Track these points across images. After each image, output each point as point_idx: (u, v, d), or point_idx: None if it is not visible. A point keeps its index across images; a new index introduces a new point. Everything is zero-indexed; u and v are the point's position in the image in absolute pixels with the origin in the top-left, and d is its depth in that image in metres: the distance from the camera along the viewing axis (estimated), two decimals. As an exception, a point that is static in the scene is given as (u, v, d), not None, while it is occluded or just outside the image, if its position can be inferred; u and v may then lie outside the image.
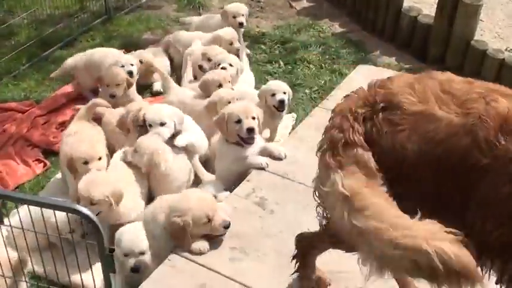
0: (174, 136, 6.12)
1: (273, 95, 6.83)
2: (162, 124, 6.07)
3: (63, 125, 7.62)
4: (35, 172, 7.03)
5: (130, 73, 7.62)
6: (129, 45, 9.17)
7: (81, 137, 6.26)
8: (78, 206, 3.66)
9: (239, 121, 5.89)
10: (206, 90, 6.96)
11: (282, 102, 6.78)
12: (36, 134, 7.51)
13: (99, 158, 5.87)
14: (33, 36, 9.41)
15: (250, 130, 5.86)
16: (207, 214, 4.80)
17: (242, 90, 7.36)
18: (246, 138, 5.89)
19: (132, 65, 7.72)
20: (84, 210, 3.62)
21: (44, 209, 3.66)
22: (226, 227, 4.88)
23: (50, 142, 7.39)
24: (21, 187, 6.78)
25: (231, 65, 7.42)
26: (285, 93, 6.88)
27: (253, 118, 5.95)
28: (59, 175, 6.79)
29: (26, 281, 4.51)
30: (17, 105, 8.01)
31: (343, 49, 9.03)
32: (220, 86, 6.90)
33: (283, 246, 4.87)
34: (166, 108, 6.32)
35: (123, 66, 7.64)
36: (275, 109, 6.82)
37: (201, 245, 4.85)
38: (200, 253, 4.83)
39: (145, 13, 10.25)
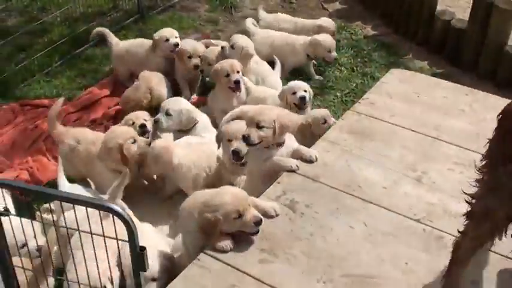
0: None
1: (294, 93, 7.07)
2: (168, 114, 6.98)
3: (95, 123, 7.69)
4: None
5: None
6: (162, 44, 9.19)
7: None
8: (110, 203, 3.66)
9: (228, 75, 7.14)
10: (216, 79, 7.52)
11: (302, 99, 7.04)
12: (67, 131, 7.51)
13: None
14: (66, 34, 9.49)
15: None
16: (238, 210, 4.77)
17: (271, 93, 7.41)
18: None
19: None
20: (116, 208, 3.62)
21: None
22: (258, 223, 4.84)
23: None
24: (52, 183, 6.84)
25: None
26: (305, 91, 7.07)
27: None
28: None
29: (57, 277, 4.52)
30: (49, 101, 8.07)
31: (375, 52, 8.99)
32: (228, 75, 7.34)
33: (312, 249, 4.86)
34: (183, 104, 7.09)
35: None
36: (296, 107, 7.03)
37: (225, 243, 4.83)
38: (223, 251, 4.81)
39: (177, 13, 10.29)
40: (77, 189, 5.86)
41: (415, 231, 5.03)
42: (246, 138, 5.58)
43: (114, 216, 3.65)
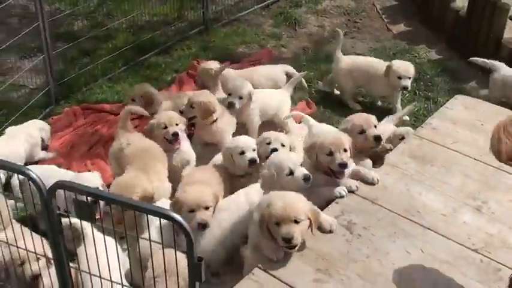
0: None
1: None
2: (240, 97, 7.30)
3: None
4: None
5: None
6: (224, 58, 9.28)
7: None
8: (172, 212, 3.65)
9: (331, 153, 5.65)
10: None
11: (377, 138, 6.31)
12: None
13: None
14: (131, 41, 9.61)
15: (342, 165, 5.61)
16: (278, 217, 4.78)
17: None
18: (337, 172, 5.66)
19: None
20: (178, 218, 3.60)
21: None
22: (286, 240, 4.76)
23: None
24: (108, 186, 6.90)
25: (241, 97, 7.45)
26: (375, 126, 6.48)
27: (345, 150, 5.67)
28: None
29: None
30: (111, 107, 8.17)
31: (439, 77, 8.88)
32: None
33: (367, 271, 4.80)
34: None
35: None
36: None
37: (275, 253, 4.84)
38: (271, 260, 4.81)
39: (241, 26, 10.34)
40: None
41: (472, 262, 4.94)
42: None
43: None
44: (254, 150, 6.44)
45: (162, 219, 3.68)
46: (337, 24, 10.36)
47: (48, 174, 5.83)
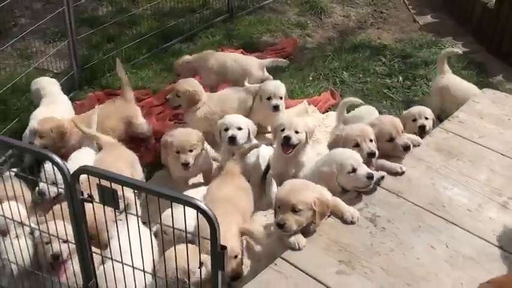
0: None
1: (414, 120, 6.63)
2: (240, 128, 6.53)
3: (177, 118, 7.69)
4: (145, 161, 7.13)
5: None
6: (248, 46, 9.26)
7: None
8: (196, 200, 3.61)
9: (357, 145, 5.65)
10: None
11: (422, 128, 6.54)
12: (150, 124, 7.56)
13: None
14: (155, 27, 9.60)
15: (371, 154, 5.63)
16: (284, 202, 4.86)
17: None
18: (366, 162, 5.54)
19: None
20: (203, 206, 3.58)
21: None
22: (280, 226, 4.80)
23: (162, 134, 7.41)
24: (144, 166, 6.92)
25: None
26: (427, 118, 6.62)
27: (371, 141, 5.69)
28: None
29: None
30: (135, 93, 8.11)
31: (465, 70, 8.74)
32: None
33: (391, 265, 4.73)
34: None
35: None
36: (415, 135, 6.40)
37: (297, 239, 4.82)
38: (293, 247, 4.79)
39: (266, 15, 10.29)
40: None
41: (497, 258, 4.85)
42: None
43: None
44: (240, 129, 6.47)
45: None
46: (363, 14, 10.31)
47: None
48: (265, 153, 6.73)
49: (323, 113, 7.82)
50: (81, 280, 4.46)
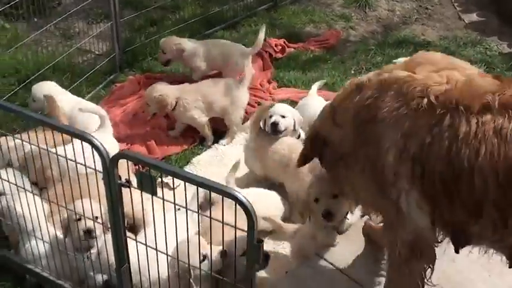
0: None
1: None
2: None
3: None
4: (183, 146, 7.15)
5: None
6: (291, 36, 9.19)
7: None
8: (236, 191, 3.57)
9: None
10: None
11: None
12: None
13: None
14: (198, 13, 9.55)
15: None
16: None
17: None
18: None
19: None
20: (241, 197, 3.53)
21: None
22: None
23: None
24: (167, 158, 6.93)
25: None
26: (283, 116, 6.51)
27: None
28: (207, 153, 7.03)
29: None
30: (175, 78, 8.10)
31: (510, 71, 8.56)
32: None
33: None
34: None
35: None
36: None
37: (331, 236, 4.81)
38: (330, 243, 4.78)
39: (310, 5, 10.18)
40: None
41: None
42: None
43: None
44: (283, 117, 6.37)
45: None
46: (408, 10, 10.15)
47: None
48: None
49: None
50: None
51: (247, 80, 7.35)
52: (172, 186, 5.96)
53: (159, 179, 5.64)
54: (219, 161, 6.97)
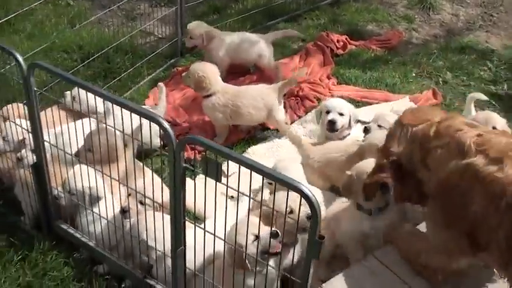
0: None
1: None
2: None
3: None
4: (239, 135, 7.25)
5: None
6: (353, 33, 9.15)
7: None
8: (301, 184, 3.57)
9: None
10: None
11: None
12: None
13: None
14: (261, 4, 9.60)
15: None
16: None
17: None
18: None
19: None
20: (306, 191, 3.52)
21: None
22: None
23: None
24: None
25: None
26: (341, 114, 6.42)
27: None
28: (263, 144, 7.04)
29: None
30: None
31: None
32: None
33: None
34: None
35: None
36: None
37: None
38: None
39: (374, 4, 10.11)
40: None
41: None
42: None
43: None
44: (341, 114, 6.30)
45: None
46: (472, 15, 10.01)
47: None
48: None
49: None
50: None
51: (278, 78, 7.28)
52: (226, 174, 6.07)
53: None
54: (273, 153, 6.95)
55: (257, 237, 4.32)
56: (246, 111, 6.91)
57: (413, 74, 8.39)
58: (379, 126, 6.07)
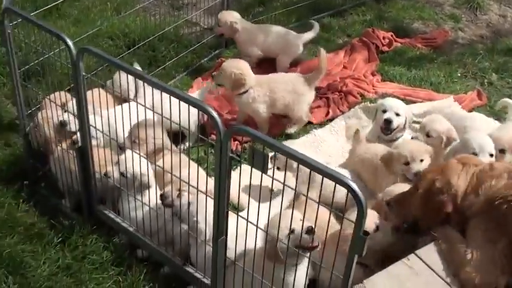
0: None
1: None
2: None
3: (318, 91, 7.63)
4: (281, 129, 7.22)
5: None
6: (398, 30, 9.10)
7: None
8: (349, 180, 3.55)
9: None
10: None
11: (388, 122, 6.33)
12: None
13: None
14: (307, -2, 9.52)
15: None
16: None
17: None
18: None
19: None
20: (354, 186, 3.51)
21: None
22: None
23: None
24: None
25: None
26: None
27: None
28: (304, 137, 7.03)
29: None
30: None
31: None
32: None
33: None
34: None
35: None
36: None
37: None
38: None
39: (421, 1, 10.02)
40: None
41: None
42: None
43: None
44: (398, 115, 6.25)
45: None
46: (519, 18, 9.91)
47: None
48: None
49: (470, 111, 7.50)
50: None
51: (316, 75, 7.09)
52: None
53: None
54: (314, 147, 6.97)
55: (292, 231, 4.33)
56: (280, 96, 6.93)
57: (459, 74, 8.30)
58: (428, 135, 6.07)
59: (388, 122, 6.23)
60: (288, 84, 6.96)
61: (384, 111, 6.26)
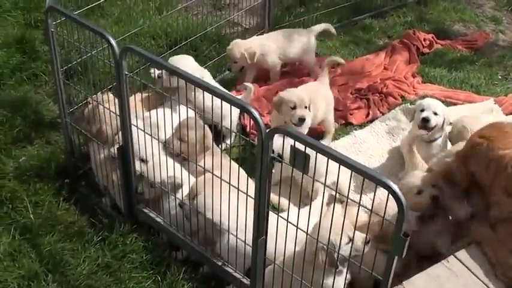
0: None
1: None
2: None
3: (359, 92, 7.64)
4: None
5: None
6: (439, 32, 9.06)
7: None
8: (388, 180, 3.56)
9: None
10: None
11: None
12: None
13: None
14: (350, -1, 9.51)
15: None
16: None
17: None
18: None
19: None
20: (394, 186, 3.52)
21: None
22: None
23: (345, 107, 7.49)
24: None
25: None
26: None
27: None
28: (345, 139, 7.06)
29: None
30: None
31: None
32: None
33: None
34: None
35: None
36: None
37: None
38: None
39: (462, 3, 9.95)
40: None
41: None
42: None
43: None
44: (435, 114, 6.21)
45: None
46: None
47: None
48: None
49: (506, 115, 7.47)
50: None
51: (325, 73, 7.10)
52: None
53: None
54: (355, 148, 6.96)
55: (351, 240, 4.37)
56: (319, 104, 6.83)
57: (499, 77, 8.26)
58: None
59: (425, 120, 6.18)
60: (317, 91, 6.90)
61: (422, 111, 6.24)
